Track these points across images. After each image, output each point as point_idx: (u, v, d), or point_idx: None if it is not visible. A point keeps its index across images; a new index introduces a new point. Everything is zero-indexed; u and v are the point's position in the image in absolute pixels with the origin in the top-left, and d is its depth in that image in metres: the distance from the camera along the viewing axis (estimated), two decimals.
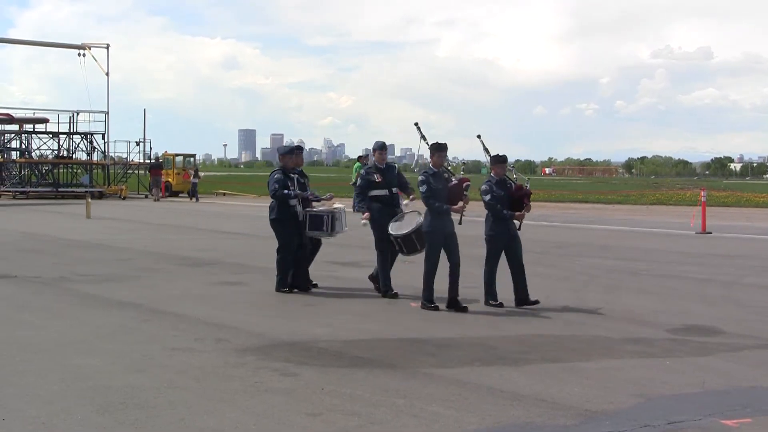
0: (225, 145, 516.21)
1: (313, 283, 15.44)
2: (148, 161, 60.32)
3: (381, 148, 15.16)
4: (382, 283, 14.54)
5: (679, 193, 61.83)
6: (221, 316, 12.53)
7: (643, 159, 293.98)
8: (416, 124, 14.71)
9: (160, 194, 54.69)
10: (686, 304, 13.76)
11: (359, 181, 15.04)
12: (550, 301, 12.51)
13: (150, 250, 22.23)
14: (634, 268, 12.92)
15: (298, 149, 16.01)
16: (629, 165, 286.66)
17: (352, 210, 15.09)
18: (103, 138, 59.69)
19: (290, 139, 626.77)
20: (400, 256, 14.70)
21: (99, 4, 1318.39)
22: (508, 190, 13.67)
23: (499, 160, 13.81)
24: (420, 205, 13.73)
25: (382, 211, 14.57)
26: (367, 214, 14.72)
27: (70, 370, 9.28)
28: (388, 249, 14.45)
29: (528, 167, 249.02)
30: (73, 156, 60.51)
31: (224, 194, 62.07)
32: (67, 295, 14.52)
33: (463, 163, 14.87)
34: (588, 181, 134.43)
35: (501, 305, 13.33)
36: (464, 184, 13.31)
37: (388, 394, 8.37)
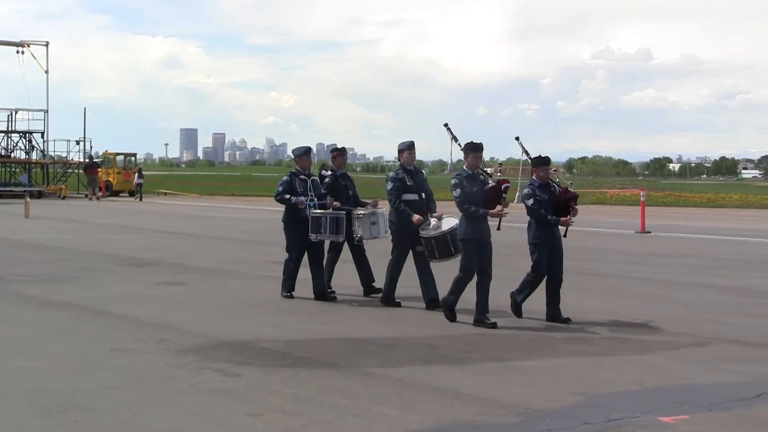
0: (167, 145, 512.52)
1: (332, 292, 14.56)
2: (88, 160, 59.76)
3: (410, 147, 13.73)
4: (385, 290, 13.69)
5: (619, 194, 62.38)
6: (163, 317, 12.44)
7: (583, 159, 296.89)
8: (446, 124, 13.64)
9: (100, 194, 54.24)
10: (626, 303, 13.89)
11: (391, 183, 13.46)
12: (494, 300, 12.54)
13: (90, 250, 22.04)
14: (576, 267, 13.04)
15: (338, 151, 15.32)
16: (570, 165, 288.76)
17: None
18: (43, 137, 59.03)
19: (232, 138, 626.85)
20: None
21: (39, 2, 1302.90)
22: (553, 194, 12.66)
23: (541, 162, 12.80)
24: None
25: (410, 218, 13.17)
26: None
27: (9, 372, 9.17)
28: (405, 259, 13.50)
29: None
30: (11, 155, 59.73)
31: (165, 194, 61.70)
32: (5, 296, 14.34)
33: (500, 164, 13.85)
34: (529, 181, 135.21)
35: (569, 321, 12.25)
36: (503, 186, 12.28)
37: (330, 394, 8.36)
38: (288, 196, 14.22)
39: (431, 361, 9.95)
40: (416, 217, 13.05)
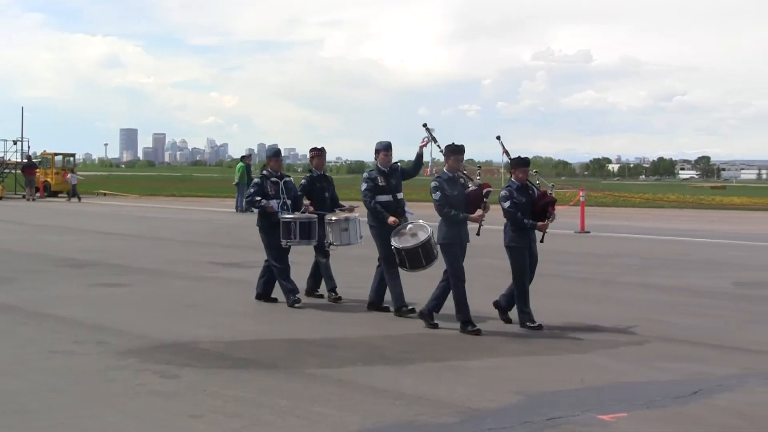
0: (106, 145, 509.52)
1: (318, 294, 14.52)
2: (26, 161, 59.04)
3: (386, 149, 13.35)
4: (394, 299, 12.99)
5: (558, 193, 62.83)
6: (102, 318, 12.34)
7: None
8: (425, 125, 13.22)
9: (38, 194, 53.63)
10: (566, 303, 13.99)
11: (364, 184, 13.12)
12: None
13: (28, 251, 21.76)
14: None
15: (317, 151, 14.71)
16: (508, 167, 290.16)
17: (234, 210, 14.93)
18: None
19: (173, 138, 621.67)
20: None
21: None
22: (531, 197, 12.35)
23: (521, 163, 12.48)
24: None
25: (386, 220, 12.87)
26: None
27: None
28: (395, 260, 12.80)
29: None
30: None
31: (105, 194, 61.11)
32: None
33: (479, 166, 13.24)
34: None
35: (540, 327, 11.89)
36: (485, 191, 11.94)
37: (271, 395, 8.35)
38: (258, 199, 13.77)
39: (372, 361, 9.96)
40: (391, 219, 12.77)
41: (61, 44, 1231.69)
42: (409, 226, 12.76)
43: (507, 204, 12.17)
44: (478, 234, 11.93)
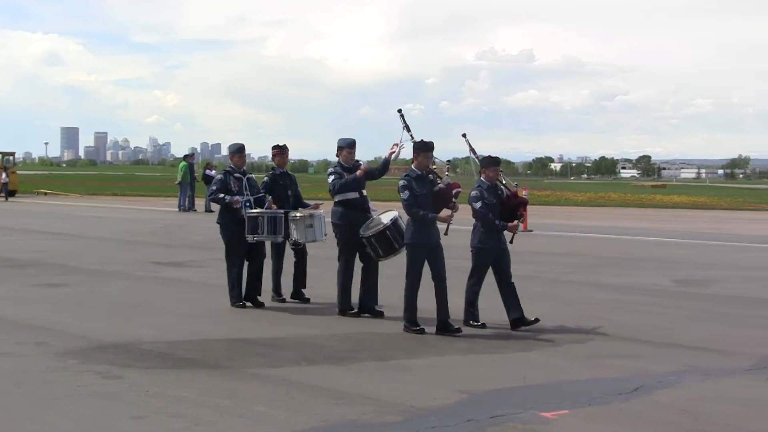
0: (47, 144, 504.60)
1: (306, 297, 14.10)
2: None
3: (350, 146, 13.15)
4: (340, 299, 12.85)
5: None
6: (42, 319, 12.22)
7: (467, 159, 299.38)
8: (399, 111, 12.81)
9: None
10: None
11: (332, 176, 12.85)
12: (381, 300, 12.61)
13: None
14: (459, 266, 13.15)
15: (279, 149, 14.50)
16: (455, 165, 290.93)
17: (177, 209, 14.81)
18: None
19: (115, 137, 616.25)
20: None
21: None
22: (500, 198, 12.19)
23: (491, 162, 12.26)
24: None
25: (352, 217, 12.73)
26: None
27: None
28: (353, 261, 12.81)
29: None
30: None
31: (45, 193, 60.46)
32: None
33: (448, 162, 12.72)
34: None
35: (483, 326, 11.89)
36: (454, 191, 11.72)
37: (214, 395, 8.31)
38: (222, 195, 13.48)
39: (316, 360, 9.95)
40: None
41: (0, 41, 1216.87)
42: (378, 217, 12.65)
43: (478, 205, 11.96)
44: (446, 234, 11.70)
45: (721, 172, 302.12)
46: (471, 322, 11.95)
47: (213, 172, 39.95)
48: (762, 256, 22.91)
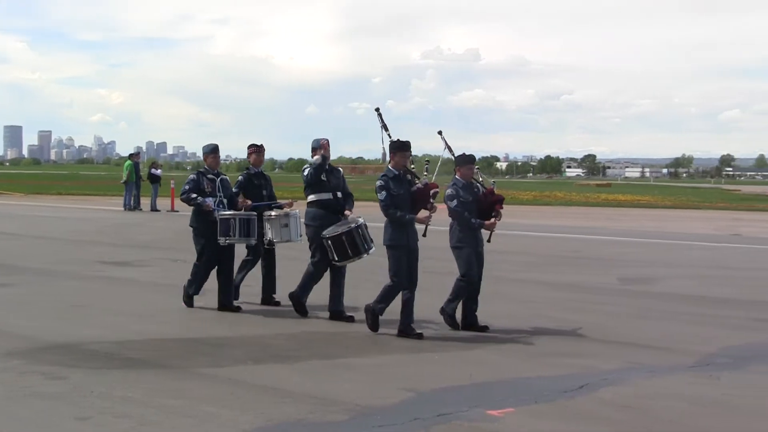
0: None
1: (276, 301, 13.69)
2: None
3: (324, 147, 12.76)
4: (299, 287, 12.60)
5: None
6: None
7: (413, 158, 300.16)
8: (377, 109, 12.34)
9: None
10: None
11: (308, 174, 12.52)
12: (323, 299, 12.60)
13: None
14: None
15: (255, 148, 13.98)
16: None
17: (123, 209, 14.67)
18: None
19: (59, 136, 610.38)
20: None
21: None
22: (476, 195, 12.00)
23: (466, 160, 12.04)
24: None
25: (325, 219, 12.35)
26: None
27: None
28: (326, 265, 12.39)
29: (301, 165, 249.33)
30: None
31: None
32: None
33: (427, 161, 12.10)
34: (360, 179, 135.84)
35: (486, 329, 11.76)
36: (432, 191, 11.35)
37: (160, 395, 8.27)
38: (194, 196, 13.01)
39: (262, 360, 9.94)
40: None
41: None
42: (346, 220, 12.30)
43: (454, 203, 11.78)
44: (424, 235, 11.49)
45: (665, 171, 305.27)
46: (447, 320, 11.91)
47: (159, 171, 39.80)
48: (704, 254, 23.17)
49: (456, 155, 12.15)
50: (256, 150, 14.03)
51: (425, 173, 11.70)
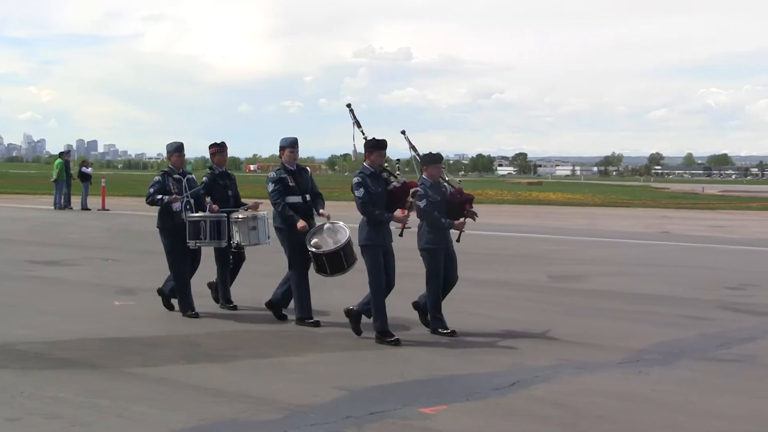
0: None
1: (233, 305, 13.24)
2: None
3: (292, 145, 12.33)
4: (298, 309, 12.05)
5: None
6: None
7: (345, 156, 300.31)
8: (349, 105, 12.07)
9: None
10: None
11: (272, 185, 12.03)
12: (255, 298, 12.59)
13: None
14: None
15: (218, 147, 13.45)
16: (332, 162, 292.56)
17: (53, 207, 14.51)
18: None
19: None
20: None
21: None
22: (445, 195, 11.71)
23: (433, 159, 11.73)
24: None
25: (296, 223, 11.88)
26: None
27: None
28: (307, 266, 11.93)
29: (233, 164, 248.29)
30: None
31: None
32: None
33: (398, 160, 11.92)
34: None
35: (454, 333, 11.42)
36: (411, 190, 11.15)
37: (91, 395, 8.21)
38: (160, 197, 12.48)
39: (194, 359, 9.91)
40: (300, 223, 11.74)
41: None
42: (326, 226, 11.86)
43: (423, 203, 11.38)
44: (401, 235, 11.31)
45: (595, 169, 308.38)
46: (439, 329, 11.49)
47: (89, 170, 39.41)
48: (633, 251, 23.44)
49: (423, 154, 11.90)
50: (219, 149, 13.51)
51: (398, 173, 11.56)
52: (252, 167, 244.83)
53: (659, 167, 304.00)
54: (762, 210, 48.15)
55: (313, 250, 11.52)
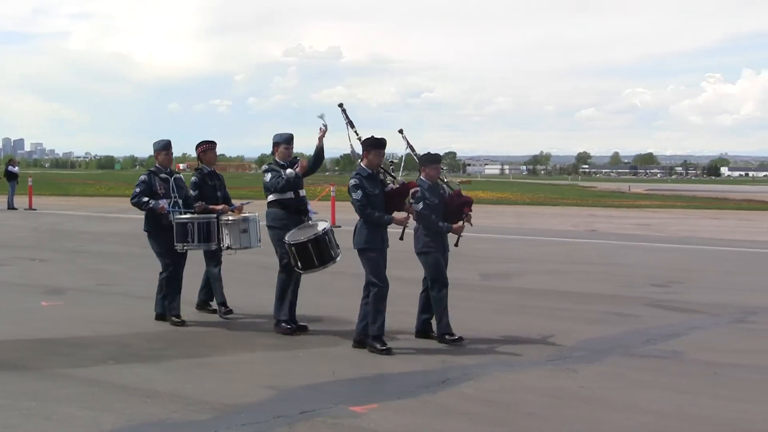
0: None
1: (212, 308, 12.79)
2: None
3: (287, 141, 11.90)
4: (277, 310, 11.61)
5: (310, 189, 63.25)
6: None
7: (268, 155, 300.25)
8: (341, 105, 11.64)
9: None
10: (319, 297, 14.07)
11: (269, 174, 11.63)
12: (186, 297, 12.50)
13: None
14: (263, 262, 13.15)
15: (207, 145, 12.79)
16: (261, 160, 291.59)
17: None
18: None
19: None
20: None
21: None
22: (443, 197, 11.36)
23: (432, 160, 11.37)
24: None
25: (287, 220, 11.63)
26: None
27: None
28: (294, 271, 11.54)
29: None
30: None
31: None
32: None
33: (392, 162, 11.50)
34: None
35: (461, 339, 10.96)
36: (411, 190, 10.76)
37: (19, 398, 8.11)
38: (146, 199, 11.90)
39: (124, 359, 9.82)
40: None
41: None
42: (310, 222, 11.61)
43: (420, 206, 11.01)
44: (401, 239, 11.03)
45: (524, 168, 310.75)
46: (446, 336, 11.01)
47: (16, 169, 38.93)
48: (561, 249, 23.65)
49: (421, 154, 11.55)
50: (209, 146, 12.83)
51: (392, 169, 11.27)
52: (181, 166, 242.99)
53: (587, 166, 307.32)
54: (686, 208, 48.86)
55: (286, 240, 11.16)
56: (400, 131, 11.90)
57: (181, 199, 12.24)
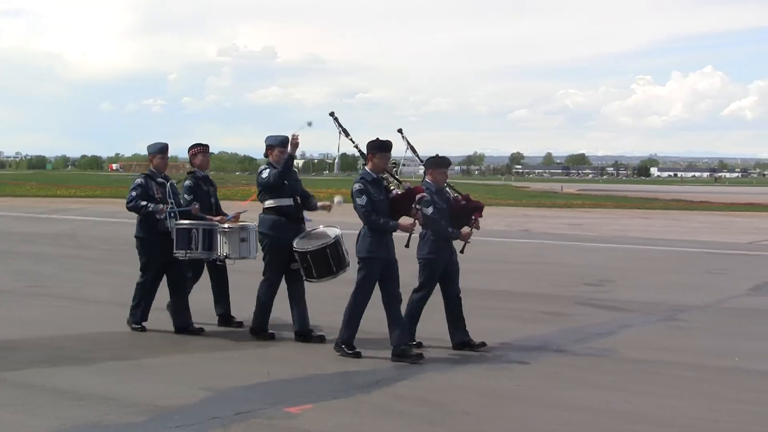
0: None
1: (237, 321, 12.12)
2: None
3: (282, 144, 11.32)
4: (257, 318, 11.25)
5: (245, 189, 63.03)
6: None
7: (210, 155, 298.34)
8: (332, 114, 11.26)
9: None
10: (253, 297, 14.03)
11: (266, 179, 11.20)
12: (118, 298, 12.39)
13: None
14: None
15: (200, 147, 12.31)
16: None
17: None
18: None
19: None
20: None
21: None
22: (449, 202, 11.03)
23: (440, 163, 10.99)
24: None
25: (286, 228, 11.18)
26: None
27: None
28: (280, 278, 11.29)
29: (95, 163, 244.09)
30: None
31: None
32: None
33: (394, 164, 11.20)
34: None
35: (420, 345, 10.81)
36: (418, 196, 10.35)
37: None
38: (144, 203, 11.35)
39: (55, 362, 9.72)
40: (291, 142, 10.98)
41: None
42: (317, 230, 11.32)
43: (430, 210, 10.59)
44: (407, 246, 10.48)
45: (458, 168, 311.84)
46: (407, 343, 10.53)
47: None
48: (496, 249, 23.75)
49: (428, 157, 11.19)
50: (202, 150, 12.31)
51: (394, 171, 11.05)
52: (114, 166, 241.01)
53: (520, 166, 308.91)
54: (617, 208, 49.46)
55: (298, 249, 10.87)
56: (399, 131, 11.71)
57: (177, 205, 11.73)
